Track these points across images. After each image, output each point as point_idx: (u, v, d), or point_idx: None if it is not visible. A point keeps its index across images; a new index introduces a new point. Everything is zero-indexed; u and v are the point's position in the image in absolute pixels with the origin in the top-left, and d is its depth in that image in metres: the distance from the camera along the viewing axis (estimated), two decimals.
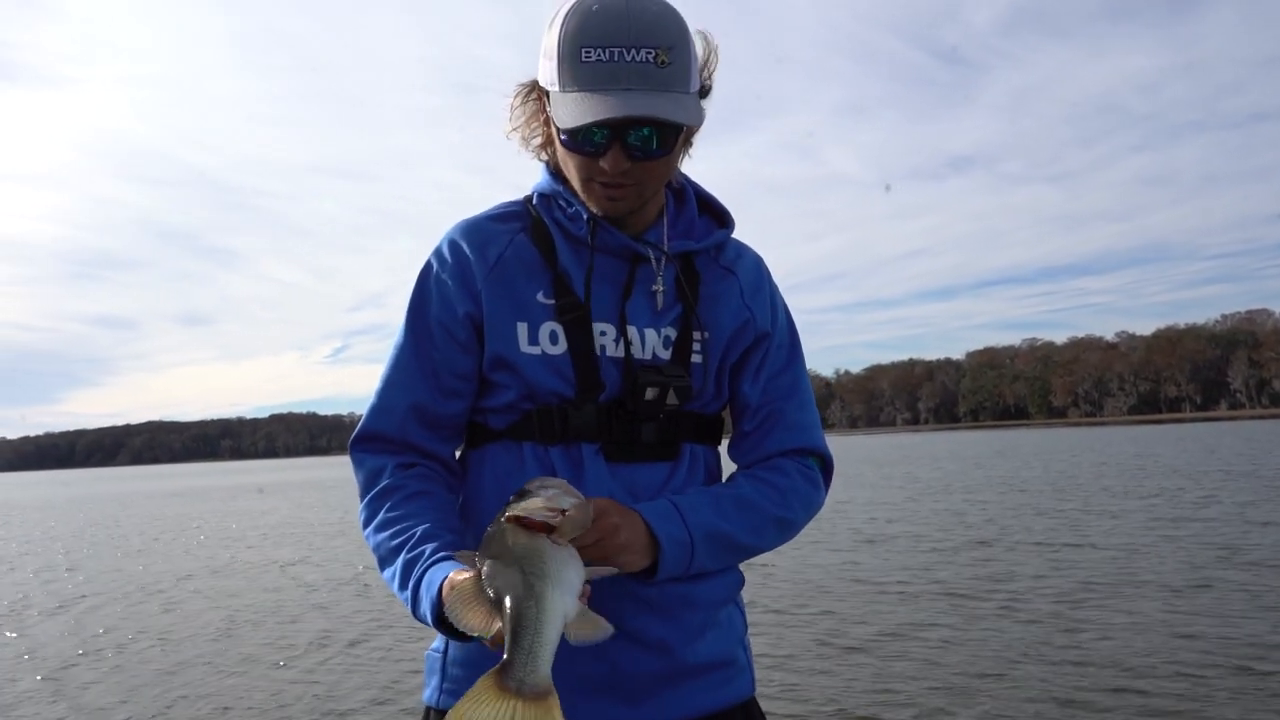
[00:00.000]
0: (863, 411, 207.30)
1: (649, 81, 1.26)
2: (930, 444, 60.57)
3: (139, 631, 8.81)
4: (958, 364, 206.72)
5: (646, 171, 1.35)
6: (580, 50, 1.26)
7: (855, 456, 43.23)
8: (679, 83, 1.29)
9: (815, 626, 7.41)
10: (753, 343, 1.51)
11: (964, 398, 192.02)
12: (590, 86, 1.27)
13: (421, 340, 1.43)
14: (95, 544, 18.53)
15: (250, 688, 6.53)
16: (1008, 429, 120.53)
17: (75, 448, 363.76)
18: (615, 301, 1.42)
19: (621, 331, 1.41)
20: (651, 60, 1.26)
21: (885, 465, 33.07)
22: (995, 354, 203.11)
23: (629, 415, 1.40)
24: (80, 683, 6.93)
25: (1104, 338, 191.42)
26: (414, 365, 1.43)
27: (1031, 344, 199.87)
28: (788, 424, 1.51)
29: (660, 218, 1.49)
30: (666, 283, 1.45)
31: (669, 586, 1.38)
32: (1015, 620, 7.24)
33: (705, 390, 1.47)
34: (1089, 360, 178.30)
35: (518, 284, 1.42)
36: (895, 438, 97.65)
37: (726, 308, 1.48)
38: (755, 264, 1.57)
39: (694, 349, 1.45)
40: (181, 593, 11.15)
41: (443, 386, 1.43)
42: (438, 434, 1.45)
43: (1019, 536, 11.99)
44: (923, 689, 5.61)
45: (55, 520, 27.17)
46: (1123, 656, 6.06)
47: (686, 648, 1.41)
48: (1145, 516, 13.42)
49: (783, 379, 1.54)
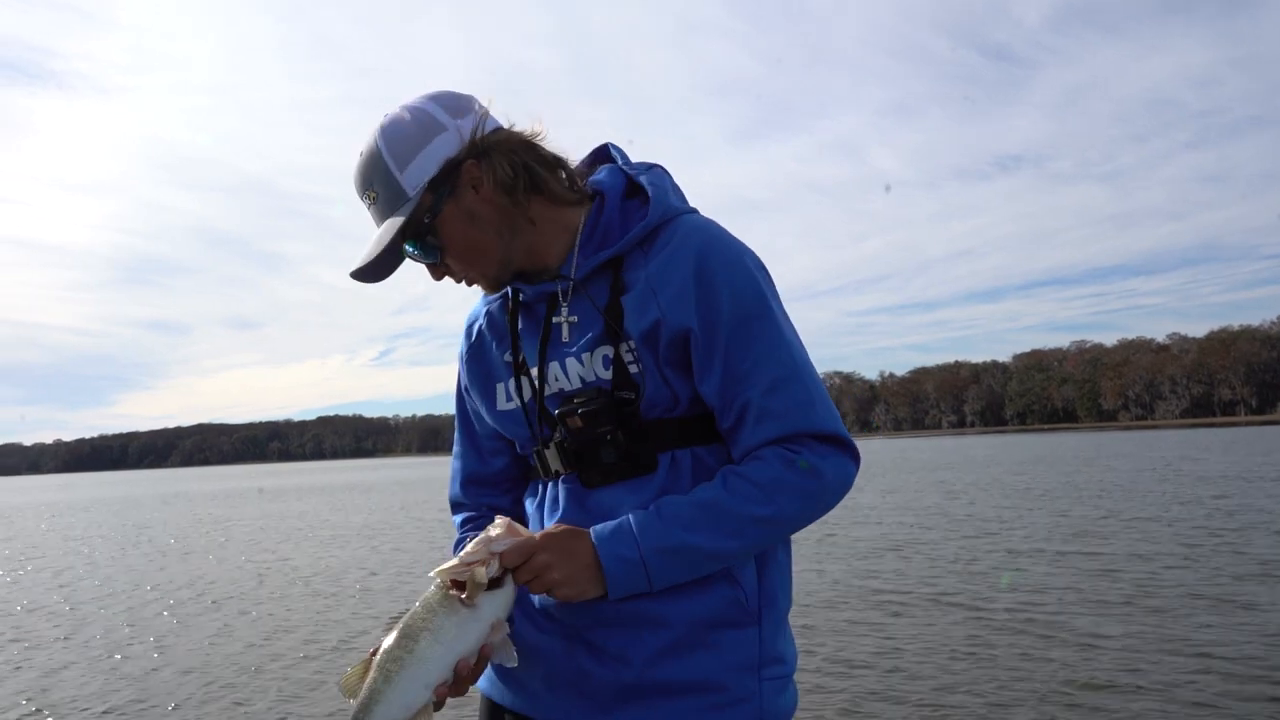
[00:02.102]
0: (907, 414, 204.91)
1: (377, 218, 1.47)
2: (972, 448, 59.79)
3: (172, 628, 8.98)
4: (1004, 366, 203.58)
5: (455, 261, 1.49)
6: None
7: (888, 461, 42.79)
8: (390, 206, 1.45)
9: (834, 640, 7.35)
10: (677, 339, 1.41)
11: (1010, 401, 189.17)
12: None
13: (462, 414, 1.70)
14: (139, 544, 18.94)
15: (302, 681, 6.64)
16: (1056, 432, 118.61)
17: (128, 450, 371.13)
18: (534, 345, 1.51)
19: (543, 371, 1.49)
20: (370, 203, 1.48)
21: (921, 470, 32.68)
22: (1043, 356, 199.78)
23: (578, 444, 1.44)
24: (144, 668, 7.11)
25: (1155, 340, 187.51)
26: (462, 437, 1.71)
27: (1080, 346, 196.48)
28: (759, 413, 1.39)
29: (575, 241, 1.50)
30: (581, 307, 1.47)
31: (625, 605, 1.40)
32: (1036, 637, 7.13)
33: (658, 397, 1.43)
34: (1140, 362, 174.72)
35: (490, 351, 1.60)
36: (939, 441, 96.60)
37: (636, 309, 1.42)
38: (680, 247, 1.43)
39: (627, 360, 1.43)
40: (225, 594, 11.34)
41: (484, 448, 1.67)
42: (495, 489, 1.69)
43: (1052, 545, 11.80)
44: (929, 704, 5.55)
45: (102, 518, 27.78)
46: (1138, 677, 5.95)
47: (654, 664, 1.40)
48: (1186, 525, 13.13)
49: (745, 364, 1.40)
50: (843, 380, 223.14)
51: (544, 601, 1.47)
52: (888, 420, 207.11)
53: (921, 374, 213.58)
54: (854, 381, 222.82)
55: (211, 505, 33.82)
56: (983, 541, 12.42)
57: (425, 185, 1.43)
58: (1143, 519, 14.06)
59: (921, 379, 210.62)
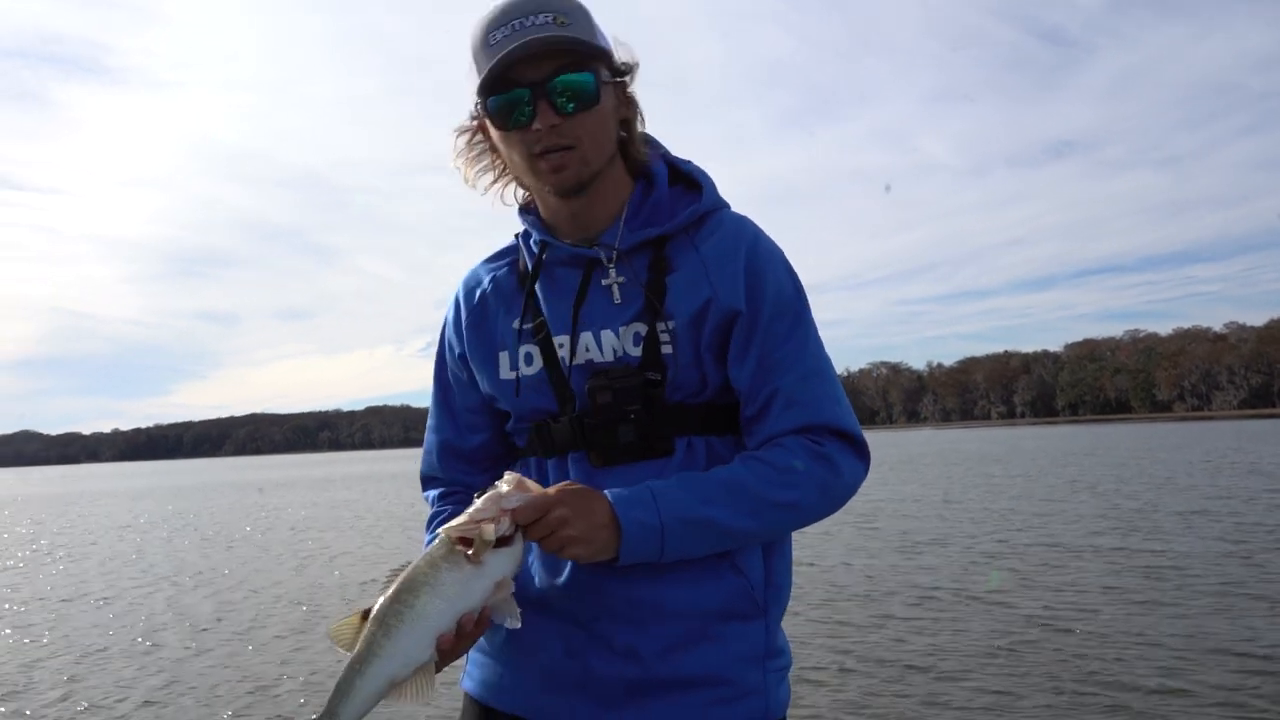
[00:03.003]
0: (956, 405, 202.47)
1: (553, 39, 1.32)
2: (1021, 439, 58.94)
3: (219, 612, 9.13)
4: (1055, 356, 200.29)
5: (580, 127, 1.36)
6: (488, 36, 1.35)
7: (935, 452, 42.33)
8: (583, 36, 1.35)
9: (850, 638, 7.28)
10: (724, 322, 1.42)
11: (1062, 391, 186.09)
12: (499, 53, 1.33)
13: (442, 387, 1.63)
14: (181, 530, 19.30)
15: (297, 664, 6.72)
16: (1108, 423, 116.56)
17: (183, 439, 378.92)
18: (567, 312, 1.44)
19: (574, 340, 1.43)
20: (550, 21, 1.32)
21: (966, 463, 32.30)
22: (1095, 345, 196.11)
23: (599, 421, 1.40)
24: (175, 656, 7.24)
25: (1212, 328, 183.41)
26: (440, 410, 1.63)
27: (1134, 335, 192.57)
28: (788, 401, 1.41)
29: (621, 212, 1.48)
30: (626, 277, 1.43)
31: (634, 592, 1.37)
32: (1065, 635, 7.01)
33: (682, 381, 1.42)
34: (1196, 352, 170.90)
35: (497, 317, 1.53)
36: (988, 431, 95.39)
37: (687, 289, 1.42)
38: (732, 234, 1.46)
39: (663, 340, 1.41)
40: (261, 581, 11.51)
41: (465, 424, 1.60)
42: (472, 466, 1.62)
43: (1092, 540, 11.59)
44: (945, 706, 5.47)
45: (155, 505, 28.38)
46: (1175, 679, 5.81)
47: (663, 658, 1.38)
48: (1236, 522, 12.83)
49: (783, 352, 1.42)
50: (890, 370, 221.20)
51: (542, 594, 1.42)
52: (936, 411, 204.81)
53: (970, 364, 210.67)
54: (901, 372, 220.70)
55: (262, 494, 34.38)
56: (1023, 535, 12.25)
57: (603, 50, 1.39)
58: (1191, 513, 13.76)
59: (970, 369, 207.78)
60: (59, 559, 15.49)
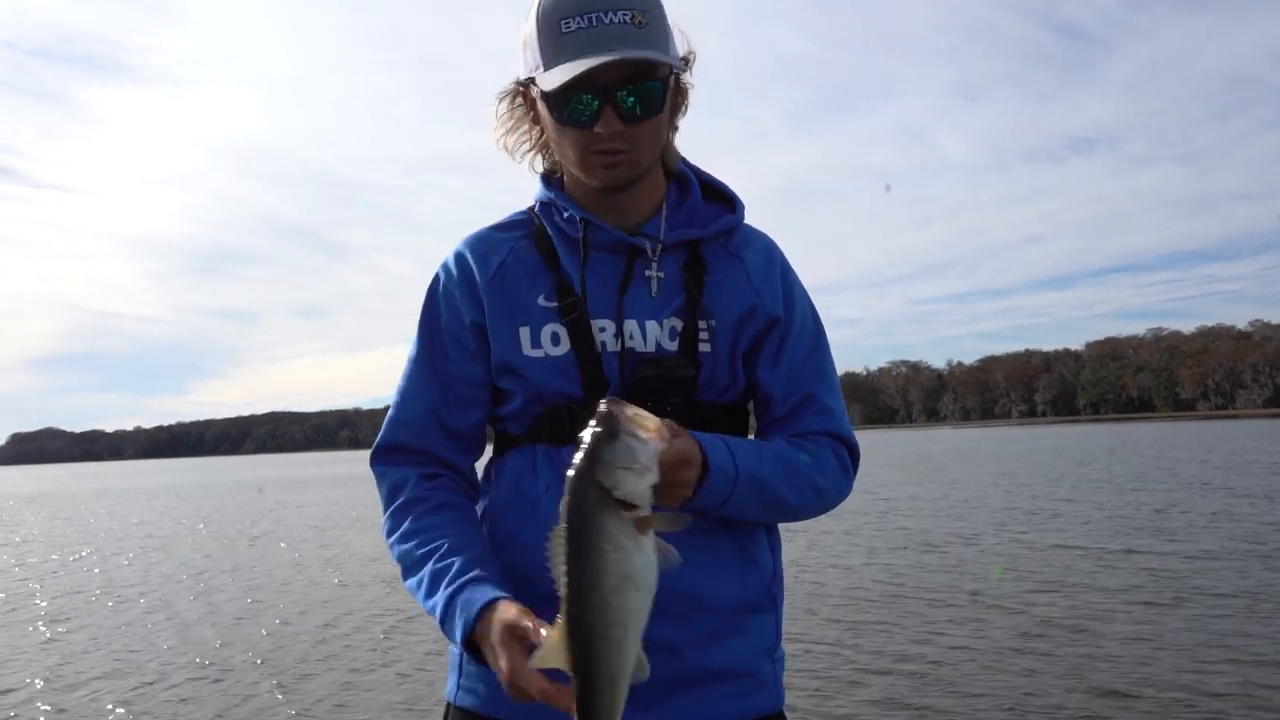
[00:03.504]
0: (976, 404, 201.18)
1: (629, 41, 1.29)
2: (1041, 438, 58.59)
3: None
4: (1077, 354, 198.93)
5: (640, 134, 1.36)
6: (560, 23, 1.31)
7: (954, 451, 42.16)
8: (658, 42, 1.33)
9: (862, 637, 7.35)
10: (765, 328, 1.48)
11: (1083, 390, 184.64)
12: (574, 54, 1.29)
13: (435, 352, 1.48)
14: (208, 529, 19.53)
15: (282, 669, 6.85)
16: (1131, 422, 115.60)
17: (204, 437, 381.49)
18: (612, 296, 1.42)
19: (620, 326, 1.41)
20: (629, 21, 1.29)
21: (984, 462, 32.19)
22: (1117, 344, 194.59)
23: None
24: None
25: (1236, 326, 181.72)
26: (429, 377, 1.48)
27: (1157, 333, 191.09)
28: (819, 408, 1.49)
29: (660, 208, 1.49)
30: (665, 272, 1.45)
31: (676, 586, 1.27)
32: (1075, 635, 7.04)
33: (717, 379, 1.45)
34: (1219, 350, 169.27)
35: (519, 289, 1.45)
36: (1008, 430, 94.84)
37: (732, 293, 1.46)
38: (766, 249, 1.54)
39: (701, 337, 1.43)
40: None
41: (458, 396, 1.48)
42: (457, 444, 1.49)
43: (1106, 542, 11.58)
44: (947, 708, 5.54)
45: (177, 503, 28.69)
46: (1182, 682, 5.85)
47: (699, 653, 1.38)
48: (1255, 522, 12.78)
49: (810, 363, 1.51)
50: (909, 369, 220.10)
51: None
52: (955, 410, 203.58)
53: (990, 363, 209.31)
54: (921, 370, 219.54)
55: (284, 492, 34.66)
56: (1036, 536, 12.25)
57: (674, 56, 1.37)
58: (1211, 514, 13.71)
59: (990, 367, 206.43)
60: (111, 555, 15.74)
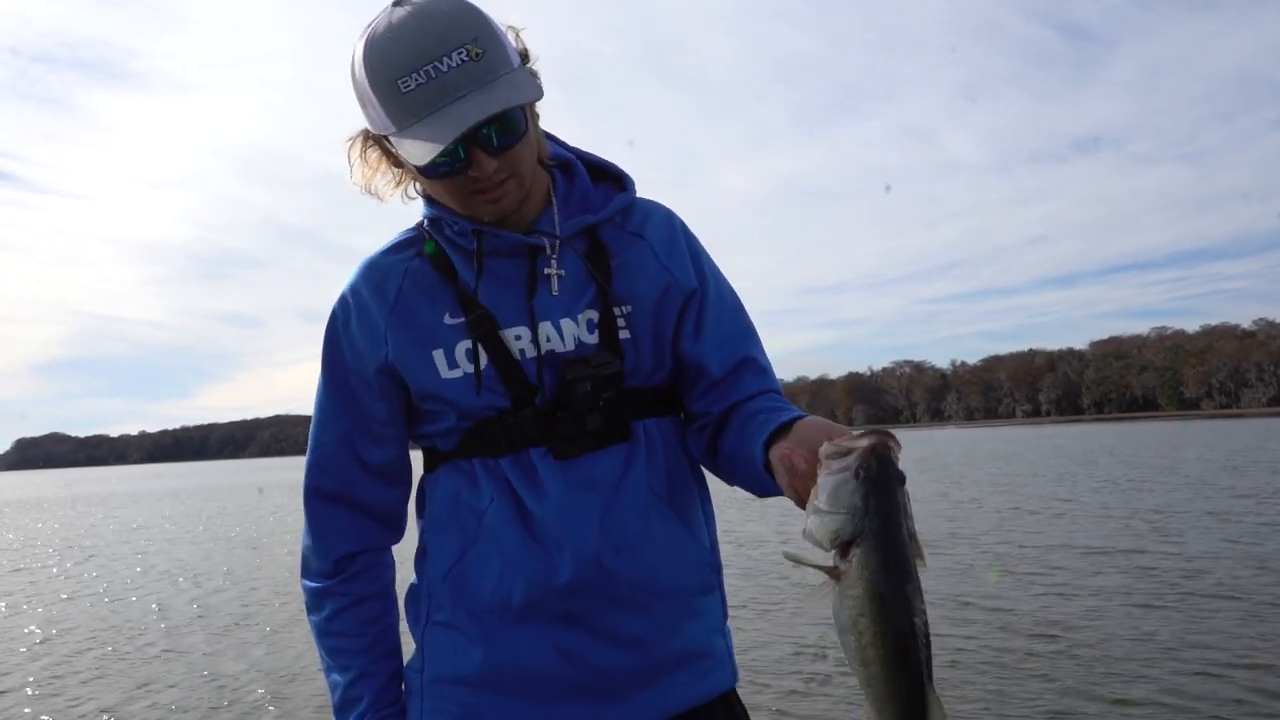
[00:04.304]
0: (980, 403, 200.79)
1: (475, 80, 1.22)
2: (1044, 438, 58.50)
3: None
4: (1081, 354, 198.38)
5: (515, 160, 1.31)
6: (397, 84, 1.22)
7: (957, 452, 42.12)
8: (501, 66, 1.25)
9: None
10: (684, 303, 1.45)
11: (1088, 389, 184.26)
12: (424, 113, 1.22)
13: (342, 393, 1.44)
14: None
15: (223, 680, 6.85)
16: (1135, 421, 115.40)
17: (209, 441, 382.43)
18: (520, 302, 1.38)
19: (534, 331, 1.37)
20: (466, 59, 1.22)
21: (985, 462, 32.15)
22: (1121, 343, 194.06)
23: (569, 411, 1.37)
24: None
25: (1241, 325, 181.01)
26: (341, 416, 1.44)
27: (1161, 333, 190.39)
28: (758, 369, 1.47)
29: (549, 201, 1.44)
30: (568, 265, 1.40)
31: (636, 576, 1.36)
32: (1064, 639, 7.01)
33: (641, 364, 1.43)
34: (1224, 349, 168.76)
35: (422, 313, 1.39)
36: (1011, 430, 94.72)
37: (643, 275, 1.43)
38: (665, 221, 1.50)
39: (620, 325, 1.41)
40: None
41: (373, 435, 1.44)
42: (381, 480, 1.47)
43: (1105, 543, 11.54)
44: None
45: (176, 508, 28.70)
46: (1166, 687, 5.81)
47: (662, 641, 1.39)
48: (1255, 522, 12.73)
49: (737, 326, 1.50)
50: (913, 369, 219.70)
51: (530, 603, 1.36)
52: (960, 409, 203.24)
53: (994, 362, 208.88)
54: (925, 370, 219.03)
55: (286, 495, 34.72)
56: (1031, 537, 12.21)
57: (519, 66, 1.30)
58: (1210, 513, 13.65)
59: (994, 367, 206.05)
60: (114, 559, 15.75)
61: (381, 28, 1.23)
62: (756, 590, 9.18)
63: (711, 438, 1.45)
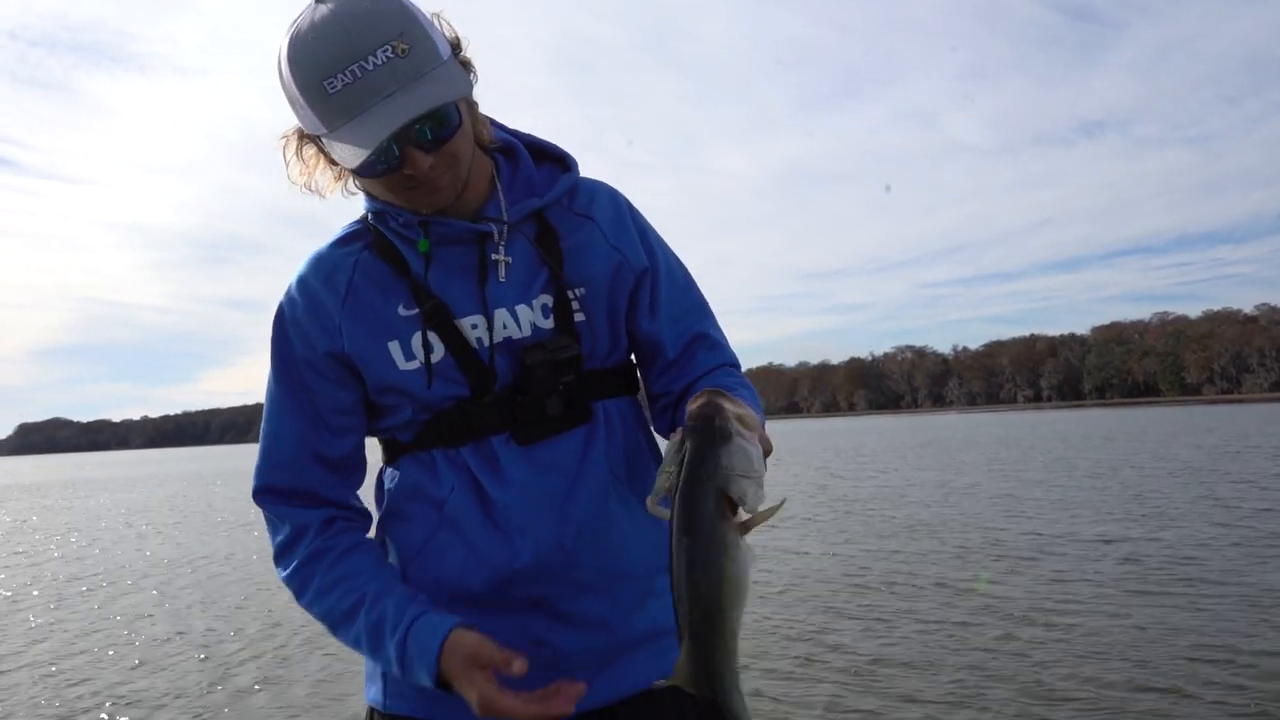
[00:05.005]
0: (981, 389, 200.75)
1: (402, 77, 1.20)
2: (1044, 423, 58.48)
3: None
4: (1082, 339, 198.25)
5: (450, 154, 1.30)
6: (323, 84, 1.20)
7: (960, 438, 42.11)
8: (429, 61, 1.23)
9: (846, 621, 7.32)
10: (635, 282, 1.46)
11: (1089, 374, 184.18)
12: (353, 114, 1.21)
13: (295, 387, 1.41)
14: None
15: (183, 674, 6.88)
16: (1136, 407, 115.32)
17: (210, 426, 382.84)
18: (473, 290, 1.38)
19: (489, 318, 1.37)
20: (393, 55, 1.20)
21: (983, 447, 32.16)
22: (1123, 329, 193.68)
23: (529, 396, 1.37)
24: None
25: (1243, 310, 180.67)
26: (295, 413, 1.41)
27: (1163, 318, 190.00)
28: (711, 344, 1.50)
29: (494, 186, 1.43)
30: (516, 251, 1.40)
31: (603, 561, 1.38)
32: (1043, 628, 7.01)
33: (598, 346, 1.43)
34: (1226, 334, 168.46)
35: (375, 305, 1.38)
36: (1012, 415, 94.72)
37: (594, 256, 1.43)
38: (611, 200, 1.50)
39: (574, 308, 1.41)
40: None
41: (329, 426, 1.41)
42: (338, 474, 1.43)
43: (1095, 529, 11.53)
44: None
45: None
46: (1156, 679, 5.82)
47: (626, 622, 1.41)
48: (1245, 511, 12.70)
49: (688, 301, 1.52)
50: (914, 355, 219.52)
51: (493, 587, 1.36)
52: (961, 394, 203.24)
53: (996, 347, 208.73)
54: (926, 355, 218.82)
55: None
56: (1023, 523, 12.22)
57: (449, 57, 1.28)
58: (1207, 499, 13.65)
59: (996, 352, 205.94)
60: (117, 543, 15.80)
61: (305, 27, 1.21)
62: None
63: (674, 416, 1.47)
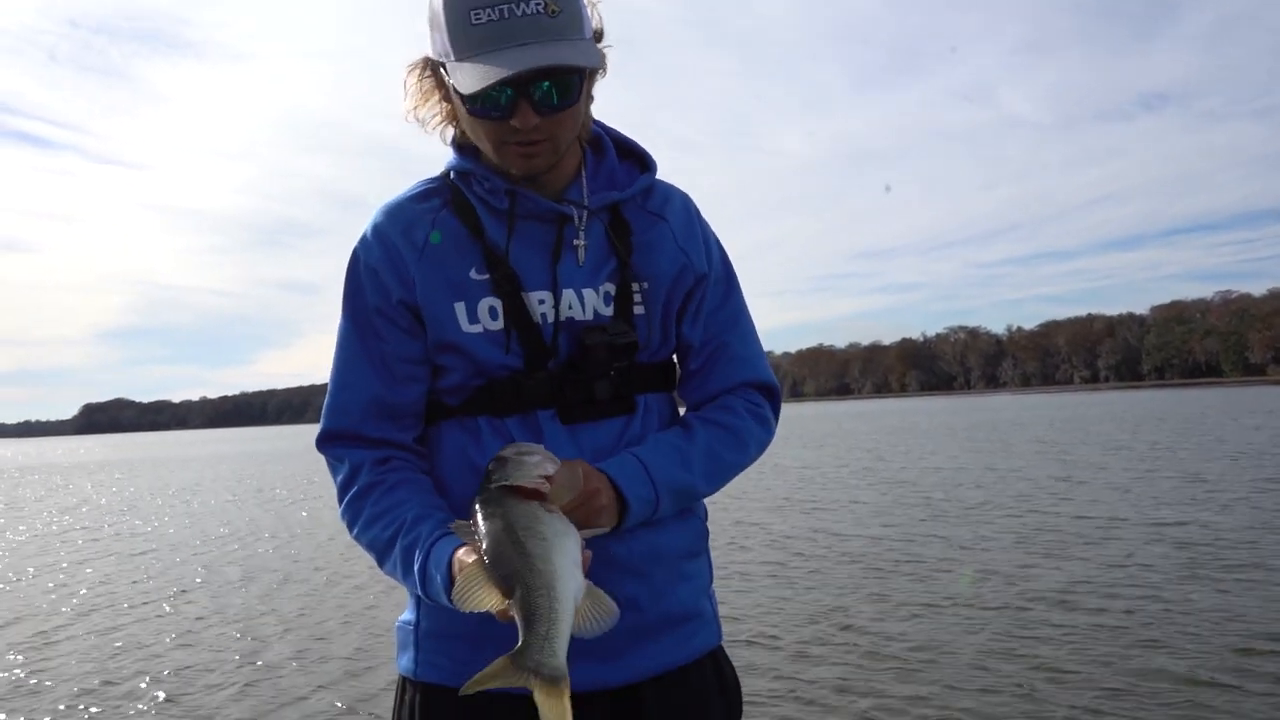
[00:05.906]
0: (1036, 369, 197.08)
1: (543, 33, 1.25)
2: (1098, 403, 57.34)
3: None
4: (1141, 319, 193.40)
5: (558, 124, 1.34)
6: (469, 14, 1.26)
7: (1009, 418, 41.49)
8: (573, 29, 1.29)
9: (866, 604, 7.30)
10: (693, 285, 1.51)
11: (1148, 355, 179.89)
12: (486, 48, 1.26)
13: (365, 333, 1.44)
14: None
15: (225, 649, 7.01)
16: (1196, 388, 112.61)
17: (267, 407, 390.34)
18: (546, 267, 1.41)
19: (557, 297, 1.41)
20: (542, 11, 1.25)
21: (1032, 427, 31.64)
22: (1184, 308, 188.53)
23: (581, 377, 1.41)
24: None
25: None
26: (363, 358, 1.44)
27: (1225, 296, 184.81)
28: (731, 356, 1.54)
29: (579, 173, 1.48)
30: (592, 238, 1.45)
31: (637, 544, 1.42)
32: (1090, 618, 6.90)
33: (651, 340, 1.48)
34: None
35: (449, 264, 1.41)
36: (1067, 396, 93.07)
37: (662, 254, 1.48)
38: (684, 205, 1.56)
39: (635, 300, 1.45)
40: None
41: (396, 375, 1.44)
42: (399, 423, 1.46)
43: (1144, 513, 11.28)
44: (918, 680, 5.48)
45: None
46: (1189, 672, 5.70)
47: (656, 603, 1.45)
48: None
49: (723, 313, 1.56)
50: (968, 335, 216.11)
51: None
52: (1015, 376, 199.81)
53: (1052, 327, 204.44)
54: (980, 336, 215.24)
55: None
56: (1057, 505, 12.02)
57: (590, 37, 1.35)
58: (1267, 481, 13.30)
59: (1052, 332, 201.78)
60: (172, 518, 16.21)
61: None
62: (747, 559, 9.19)
63: None
